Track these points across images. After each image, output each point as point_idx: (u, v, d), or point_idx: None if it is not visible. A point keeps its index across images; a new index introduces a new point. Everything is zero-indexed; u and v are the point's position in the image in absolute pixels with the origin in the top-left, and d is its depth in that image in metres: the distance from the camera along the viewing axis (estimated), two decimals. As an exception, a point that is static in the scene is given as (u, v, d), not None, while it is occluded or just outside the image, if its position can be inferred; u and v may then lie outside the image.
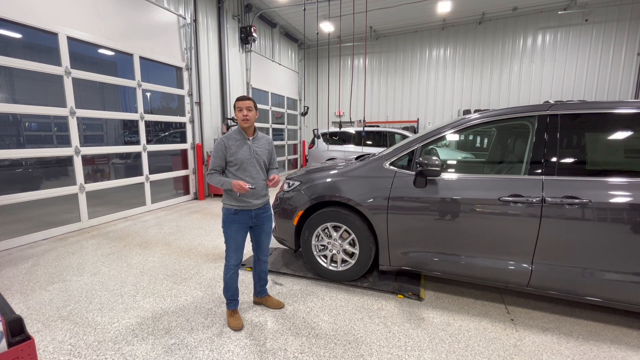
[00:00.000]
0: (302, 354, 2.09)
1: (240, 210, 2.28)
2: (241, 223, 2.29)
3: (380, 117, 12.00)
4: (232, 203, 2.27)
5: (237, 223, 2.28)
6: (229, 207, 2.28)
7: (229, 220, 2.28)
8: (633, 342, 2.24)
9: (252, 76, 8.95)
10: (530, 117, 2.46)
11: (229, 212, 2.28)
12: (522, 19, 9.80)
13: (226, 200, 2.30)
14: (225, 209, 2.31)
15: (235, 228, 2.29)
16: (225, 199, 2.31)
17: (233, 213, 2.27)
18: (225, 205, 2.30)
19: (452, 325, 2.43)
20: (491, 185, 2.45)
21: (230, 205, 2.28)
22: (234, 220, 2.28)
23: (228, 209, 2.29)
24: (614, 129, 2.30)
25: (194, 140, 6.98)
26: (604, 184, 2.18)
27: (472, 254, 2.53)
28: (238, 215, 2.28)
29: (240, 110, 2.24)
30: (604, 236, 2.16)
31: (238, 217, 2.28)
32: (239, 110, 2.24)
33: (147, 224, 5.17)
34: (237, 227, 2.29)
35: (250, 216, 2.32)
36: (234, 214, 2.27)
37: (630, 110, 2.23)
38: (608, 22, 9.07)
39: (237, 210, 2.27)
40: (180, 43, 6.56)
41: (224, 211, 2.31)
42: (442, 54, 10.96)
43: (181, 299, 2.79)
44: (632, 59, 9.01)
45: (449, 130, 2.72)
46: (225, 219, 2.30)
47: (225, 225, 2.30)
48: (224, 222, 2.31)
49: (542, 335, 2.31)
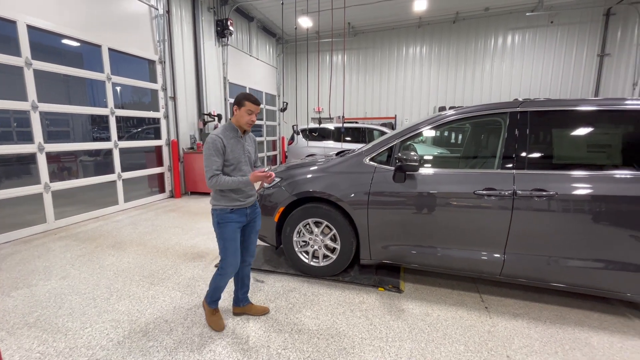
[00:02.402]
0: (285, 350, 2.09)
1: (237, 209, 2.17)
2: (238, 222, 2.18)
3: (359, 113, 12.10)
4: (227, 203, 2.14)
5: (235, 222, 2.16)
6: (223, 207, 2.14)
7: (226, 220, 2.14)
8: (594, 323, 2.41)
9: (229, 71, 8.74)
10: (502, 113, 2.57)
11: (224, 212, 2.14)
12: (493, 19, 10.17)
13: (219, 201, 2.15)
14: (218, 209, 2.15)
15: (233, 228, 2.16)
16: (218, 200, 2.15)
17: (229, 212, 2.14)
18: (218, 206, 2.15)
19: (430, 315, 2.51)
20: (466, 179, 2.54)
21: (224, 206, 2.14)
22: (231, 220, 2.15)
23: (222, 209, 2.14)
24: (577, 125, 2.45)
25: (169, 137, 6.75)
26: (569, 177, 2.32)
27: (448, 246, 2.62)
28: (235, 214, 2.16)
29: (251, 113, 2.12)
30: (568, 226, 2.30)
31: (235, 215, 2.16)
32: (250, 113, 2.11)
33: (120, 223, 4.96)
34: (234, 227, 2.16)
35: (245, 214, 2.22)
36: (230, 213, 2.15)
37: (591, 107, 2.38)
38: (571, 25, 9.60)
39: (233, 209, 2.15)
40: (153, 35, 6.30)
41: (218, 213, 2.15)
42: (419, 51, 11.18)
43: (159, 300, 2.70)
44: (592, 60, 9.59)
45: (425, 126, 2.79)
46: (221, 220, 2.14)
47: (221, 227, 2.15)
48: (219, 224, 2.15)
49: (513, 321, 2.44)
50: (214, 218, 2.19)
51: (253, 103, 2.11)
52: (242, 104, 2.10)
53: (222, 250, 2.19)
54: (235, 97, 2.13)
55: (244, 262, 2.40)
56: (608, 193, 2.22)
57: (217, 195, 2.16)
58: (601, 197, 2.23)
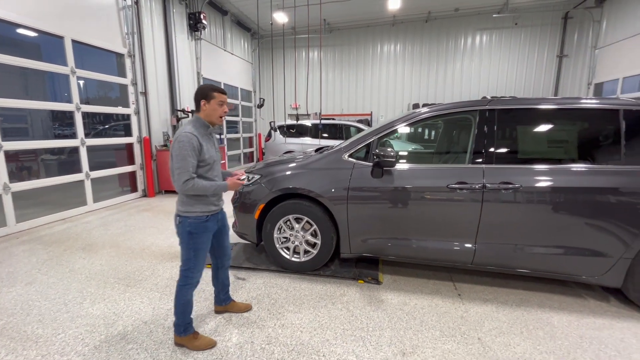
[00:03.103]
0: (269, 345, 2.12)
1: (211, 216, 2.02)
2: (212, 229, 2.05)
3: (335, 110, 12.20)
4: (204, 209, 1.97)
5: (210, 230, 2.03)
6: (199, 214, 1.95)
7: (202, 229, 1.97)
8: (554, 305, 2.62)
9: (203, 66, 8.51)
10: (472, 111, 2.71)
11: (200, 220, 1.96)
12: (462, 19, 10.56)
13: (193, 207, 1.94)
14: (193, 218, 1.94)
15: (208, 236, 2.03)
16: (191, 205, 1.94)
17: (205, 220, 1.99)
18: (194, 214, 1.94)
19: (408, 304, 2.63)
20: (440, 174, 2.67)
21: (201, 213, 1.96)
22: (207, 228, 2.00)
23: (199, 218, 1.96)
24: (539, 122, 2.64)
25: (140, 134, 6.48)
26: (532, 170, 2.50)
27: (423, 238, 2.75)
28: (209, 222, 2.01)
29: (222, 104, 1.98)
30: (532, 216, 2.48)
31: (211, 223, 2.02)
32: (221, 104, 1.98)
33: (90, 225, 4.73)
34: (209, 235, 2.04)
35: (217, 219, 2.11)
36: (206, 221, 1.99)
37: (551, 106, 2.57)
38: (533, 27, 10.17)
39: (208, 217, 2.00)
40: (121, 27, 6.00)
41: (192, 222, 1.94)
42: (393, 49, 11.41)
43: (136, 302, 2.63)
44: (552, 61, 10.24)
45: (401, 123, 2.89)
46: (195, 230, 1.95)
47: (195, 237, 1.96)
48: (191, 234, 1.95)
49: (483, 306, 2.60)
50: (183, 227, 1.95)
51: (222, 93, 1.99)
52: (210, 96, 1.95)
53: (190, 260, 1.99)
54: (196, 91, 2.00)
55: (223, 267, 2.33)
56: (566, 185, 2.41)
57: (190, 200, 1.94)
58: (560, 188, 2.42)
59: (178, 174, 1.86)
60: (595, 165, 2.43)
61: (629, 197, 2.31)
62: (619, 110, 2.44)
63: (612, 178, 2.36)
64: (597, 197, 2.36)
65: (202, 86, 2.00)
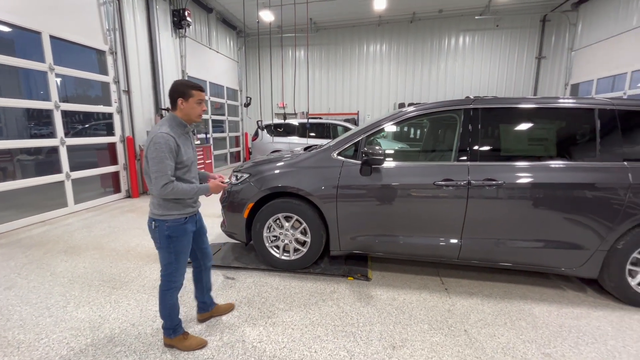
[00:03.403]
0: (260, 343, 2.13)
1: (189, 217, 1.97)
2: (192, 231, 2.00)
3: (322, 109, 12.22)
4: (182, 212, 1.91)
5: (189, 232, 1.98)
6: (178, 217, 1.89)
7: (181, 232, 1.91)
8: (535, 296, 2.73)
9: (188, 64, 8.36)
10: (457, 110, 2.78)
11: (178, 223, 1.90)
12: (446, 21, 10.77)
13: (170, 210, 1.87)
14: (171, 221, 1.88)
15: (188, 238, 1.98)
16: (168, 208, 1.87)
17: (184, 223, 1.93)
18: (170, 216, 1.87)
19: (397, 299, 2.68)
20: (426, 171, 2.73)
21: (179, 215, 1.90)
22: (187, 230, 1.95)
23: (177, 220, 1.89)
24: (520, 121, 2.74)
25: (123, 133, 6.32)
26: (514, 167, 2.59)
27: (411, 234, 2.80)
28: (188, 224, 1.96)
29: (201, 102, 1.90)
30: (514, 211, 2.58)
31: (189, 225, 1.97)
32: (200, 102, 1.90)
33: (71, 227, 4.59)
34: (189, 237, 1.99)
35: (195, 221, 2.06)
36: (185, 224, 1.93)
37: (531, 105, 2.67)
38: (514, 29, 10.48)
39: (187, 218, 1.95)
40: (102, 23, 5.83)
41: (170, 225, 1.87)
42: (379, 49, 11.52)
43: (123, 304, 2.58)
44: (531, 62, 10.58)
45: (388, 122, 2.94)
46: (174, 233, 1.89)
47: (176, 240, 1.90)
48: (172, 238, 1.89)
49: (469, 299, 2.68)
50: (160, 231, 1.87)
51: (200, 90, 1.90)
52: (188, 94, 1.86)
53: (171, 264, 1.93)
54: (172, 88, 1.88)
55: (206, 269, 2.27)
56: (546, 181, 2.51)
57: (166, 203, 1.86)
58: (540, 184, 2.52)
59: (155, 177, 1.77)
60: (573, 161, 2.55)
61: (604, 192, 2.43)
62: (594, 110, 2.56)
63: (588, 174, 2.47)
64: (574, 193, 2.47)
65: (178, 83, 1.89)
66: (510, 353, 2.04)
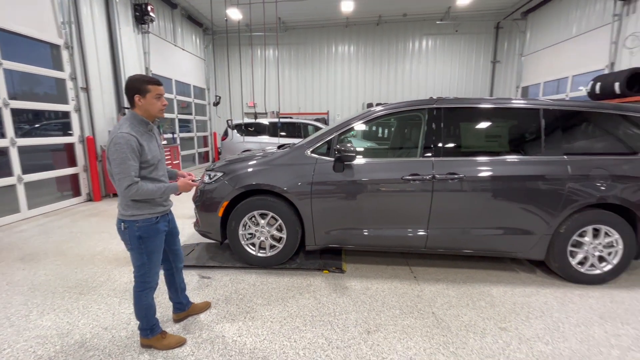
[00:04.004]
0: (240, 337, 2.16)
1: (160, 217, 1.92)
2: (164, 230, 1.96)
3: (292, 108, 12.26)
4: (152, 211, 1.86)
5: (162, 232, 1.93)
6: (149, 216, 1.85)
7: (153, 232, 1.87)
8: (493, 279, 3.00)
9: (152, 61, 8.04)
10: (422, 109, 2.98)
11: (150, 222, 1.86)
12: (410, 24, 11.26)
13: (140, 209, 1.83)
14: (141, 222, 1.83)
15: (161, 238, 1.94)
16: (138, 208, 1.82)
17: (155, 222, 1.89)
18: (140, 216, 1.83)
19: (370, 289, 2.82)
20: (395, 166, 2.90)
21: (150, 215, 1.86)
22: (159, 230, 1.91)
23: (148, 220, 1.85)
24: (478, 119, 3.00)
25: (82, 133, 5.96)
26: (473, 161, 2.83)
27: (382, 226, 2.97)
28: (160, 223, 1.92)
29: (160, 97, 1.84)
30: (474, 202, 2.82)
31: (161, 224, 1.92)
32: (159, 97, 1.84)
33: (26, 233, 4.28)
34: (162, 237, 1.94)
35: (167, 220, 2.01)
36: (156, 223, 1.89)
37: (488, 105, 2.93)
38: (471, 34, 11.19)
39: (158, 218, 1.90)
40: (55, 15, 5.46)
41: (141, 226, 1.83)
42: (347, 50, 11.78)
43: (93, 309, 2.49)
44: (487, 65, 11.37)
45: (359, 121, 3.08)
46: (146, 233, 1.84)
47: (147, 241, 1.86)
48: (143, 238, 1.84)
49: (436, 285, 2.89)
50: (131, 232, 1.82)
51: (157, 84, 1.84)
52: (144, 89, 1.79)
53: (144, 265, 1.90)
54: (127, 85, 1.82)
55: (178, 270, 2.24)
56: (500, 174, 2.77)
57: (134, 203, 1.81)
58: (497, 177, 2.77)
59: (119, 179, 1.72)
60: (523, 156, 2.83)
61: (548, 182, 2.73)
62: (539, 109, 2.86)
63: (536, 167, 2.77)
64: (524, 184, 2.75)
65: (132, 79, 1.82)
66: (472, 330, 2.25)
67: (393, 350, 2.04)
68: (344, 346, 2.07)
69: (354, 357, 1.98)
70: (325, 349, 2.05)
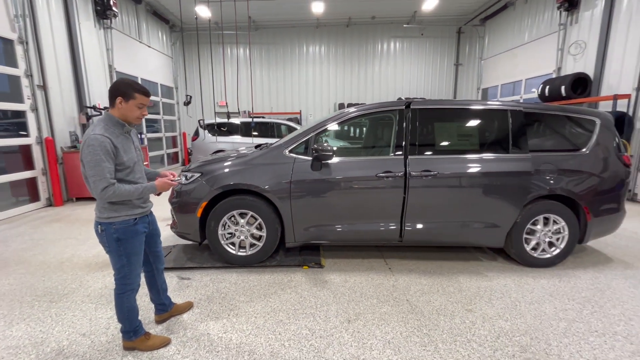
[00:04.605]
0: (225, 333, 2.21)
1: (139, 218, 1.92)
2: (143, 232, 1.95)
3: (265, 108, 12.20)
4: (130, 213, 1.85)
5: (141, 233, 1.93)
6: (126, 218, 1.84)
7: (131, 233, 1.86)
8: (461, 267, 3.26)
9: (116, 58, 7.68)
10: (394, 110, 3.17)
11: (128, 224, 1.85)
12: (379, 27, 11.62)
13: (117, 211, 1.82)
14: (118, 223, 1.82)
15: (140, 240, 1.93)
16: (115, 210, 1.81)
17: (134, 224, 1.88)
18: (117, 218, 1.81)
19: (348, 281, 2.97)
20: (370, 164, 3.06)
21: (128, 216, 1.85)
22: (137, 232, 1.90)
23: (126, 222, 1.84)
24: (447, 120, 3.20)
25: (40, 134, 5.59)
26: (446, 159, 3.03)
27: (359, 221, 3.12)
28: (139, 225, 1.91)
29: (142, 107, 1.84)
30: (444, 196, 3.04)
31: (140, 226, 1.92)
32: (141, 107, 1.84)
33: (-20, 243, 3.97)
34: (141, 238, 1.93)
35: (147, 222, 2.01)
36: (134, 225, 1.88)
37: (457, 106, 3.16)
38: (436, 38, 11.76)
39: (136, 219, 1.90)
40: (8, 8, 5.08)
41: (118, 228, 1.82)
42: (318, 50, 11.93)
43: (67, 317, 2.41)
44: (451, 68, 12.01)
45: (334, 121, 3.20)
46: (124, 235, 1.84)
47: (126, 242, 1.85)
48: (122, 240, 1.84)
49: (409, 275, 3.09)
50: (108, 235, 1.82)
51: (144, 94, 1.82)
52: (130, 95, 1.78)
53: (124, 267, 1.89)
54: (114, 85, 1.79)
55: (158, 271, 2.23)
56: (471, 171, 3.01)
57: (111, 205, 1.81)
58: (467, 174, 3.00)
59: (93, 182, 1.70)
60: (490, 154, 3.07)
61: (514, 177, 2.98)
62: (507, 111, 3.12)
63: (501, 164, 3.01)
64: (489, 180, 3.00)
65: (122, 82, 1.81)
66: (442, 313, 2.46)
67: (372, 336, 2.18)
68: (327, 335, 2.19)
69: (336, 344, 2.10)
70: (309, 339, 2.15)
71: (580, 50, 7.12)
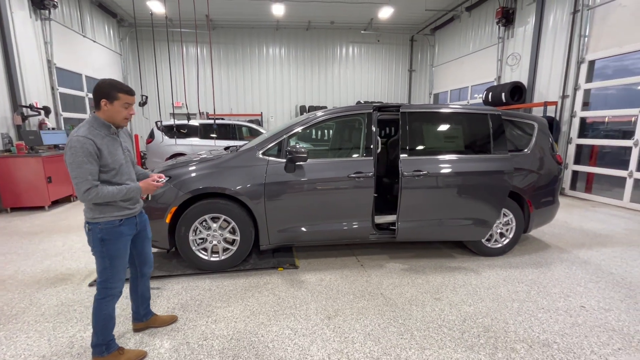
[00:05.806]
0: (206, 340, 2.16)
1: (125, 219, 1.87)
2: (129, 234, 1.90)
3: (224, 109, 11.86)
4: (115, 213, 1.82)
5: (126, 235, 1.88)
6: (110, 219, 1.80)
7: (115, 235, 1.82)
8: (429, 261, 3.50)
9: (57, 52, 6.97)
10: (362, 114, 3.31)
11: (112, 225, 1.81)
12: (337, 31, 11.92)
13: (103, 212, 1.79)
14: (102, 223, 1.79)
15: (124, 242, 1.88)
16: (101, 211, 1.78)
17: (119, 225, 1.84)
18: (102, 218, 1.79)
19: (324, 279, 3.04)
20: (341, 165, 3.17)
21: (112, 217, 1.81)
22: (122, 233, 1.85)
23: (110, 222, 1.81)
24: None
25: (-35, 136, 4.90)
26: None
27: (332, 221, 3.20)
28: (125, 226, 1.87)
29: (128, 107, 1.81)
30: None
31: (125, 227, 1.87)
32: (127, 107, 1.80)
33: None
34: (125, 241, 1.88)
35: (135, 223, 1.95)
36: (119, 226, 1.84)
37: (427, 110, 3.33)
38: (391, 45, 12.38)
39: (122, 220, 1.85)
40: None
41: (102, 228, 1.79)
42: (278, 52, 11.90)
43: (21, 339, 2.17)
44: (405, 73, 12.71)
45: (304, 125, 3.26)
46: (108, 236, 1.80)
47: (108, 244, 1.80)
48: (104, 241, 1.79)
49: (381, 270, 3.26)
50: (94, 234, 1.80)
51: (128, 94, 1.80)
52: (114, 96, 1.74)
53: (106, 269, 1.83)
54: (96, 87, 1.76)
55: (143, 276, 2.16)
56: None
57: (97, 206, 1.79)
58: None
59: (76, 183, 1.67)
60: (469, 154, 3.29)
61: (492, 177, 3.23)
62: (486, 115, 3.34)
63: (482, 164, 3.23)
64: (465, 180, 3.24)
65: (104, 83, 1.77)
66: (414, 303, 2.64)
67: (353, 330, 2.28)
68: (309, 333, 2.24)
69: (320, 341, 2.16)
70: (293, 338, 2.18)
71: (516, 62, 7.99)
